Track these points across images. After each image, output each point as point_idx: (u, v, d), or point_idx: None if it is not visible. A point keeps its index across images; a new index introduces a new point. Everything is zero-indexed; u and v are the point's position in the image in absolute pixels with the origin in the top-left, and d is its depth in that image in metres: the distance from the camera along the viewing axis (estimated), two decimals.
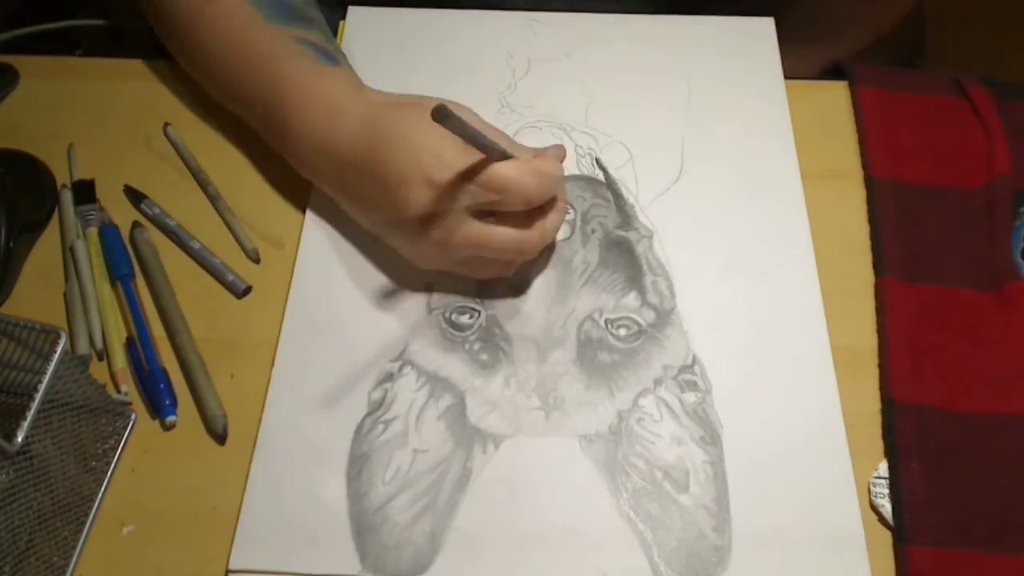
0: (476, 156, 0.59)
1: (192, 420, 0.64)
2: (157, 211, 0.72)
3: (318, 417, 0.63)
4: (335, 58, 0.70)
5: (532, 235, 0.63)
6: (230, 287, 0.69)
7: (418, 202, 0.60)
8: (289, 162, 0.70)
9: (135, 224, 0.72)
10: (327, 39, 0.72)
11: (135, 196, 0.73)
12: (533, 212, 0.63)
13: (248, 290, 0.69)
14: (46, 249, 0.71)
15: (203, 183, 0.73)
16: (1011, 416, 0.63)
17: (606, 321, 0.66)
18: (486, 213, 0.62)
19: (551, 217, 0.64)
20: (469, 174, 0.59)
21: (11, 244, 0.68)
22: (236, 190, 0.73)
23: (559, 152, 0.67)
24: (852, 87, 0.79)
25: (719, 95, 0.78)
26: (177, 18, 0.73)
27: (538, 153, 0.64)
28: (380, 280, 0.68)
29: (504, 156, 0.60)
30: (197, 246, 0.70)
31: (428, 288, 0.68)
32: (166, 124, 0.76)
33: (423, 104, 0.60)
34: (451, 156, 0.59)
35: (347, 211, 0.69)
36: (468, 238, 0.62)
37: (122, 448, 0.63)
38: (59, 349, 0.54)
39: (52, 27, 0.83)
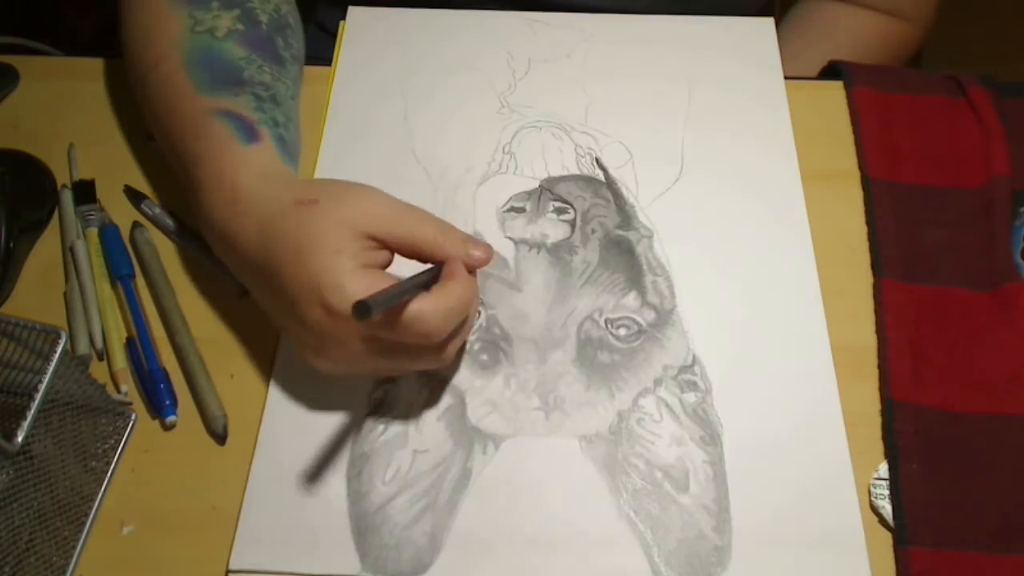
0: (377, 281, 0.56)
1: (192, 420, 0.64)
2: (157, 211, 0.72)
3: (318, 417, 0.63)
4: (255, 132, 0.65)
5: (434, 360, 0.60)
6: (230, 287, 0.69)
7: (315, 322, 0.57)
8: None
9: (135, 224, 0.72)
10: (256, 106, 0.67)
11: (135, 196, 0.73)
12: None
13: (248, 290, 0.68)
14: (46, 249, 0.71)
15: None
16: (1011, 416, 0.63)
17: (606, 321, 0.66)
18: None
19: (456, 339, 0.60)
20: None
21: (11, 244, 0.68)
22: None
23: (480, 259, 0.61)
24: (848, 87, 0.79)
25: (719, 95, 0.78)
26: (132, 77, 0.73)
27: (456, 252, 0.60)
28: None
29: (424, 288, 0.57)
30: (196, 246, 0.70)
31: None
32: (149, 136, 0.75)
33: (319, 201, 0.59)
34: (350, 286, 0.56)
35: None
36: (368, 360, 0.59)
37: (122, 448, 0.63)
38: (59, 349, 0.54)
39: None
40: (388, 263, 0.60)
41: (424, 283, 0.57)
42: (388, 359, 0.59)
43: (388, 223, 0.58)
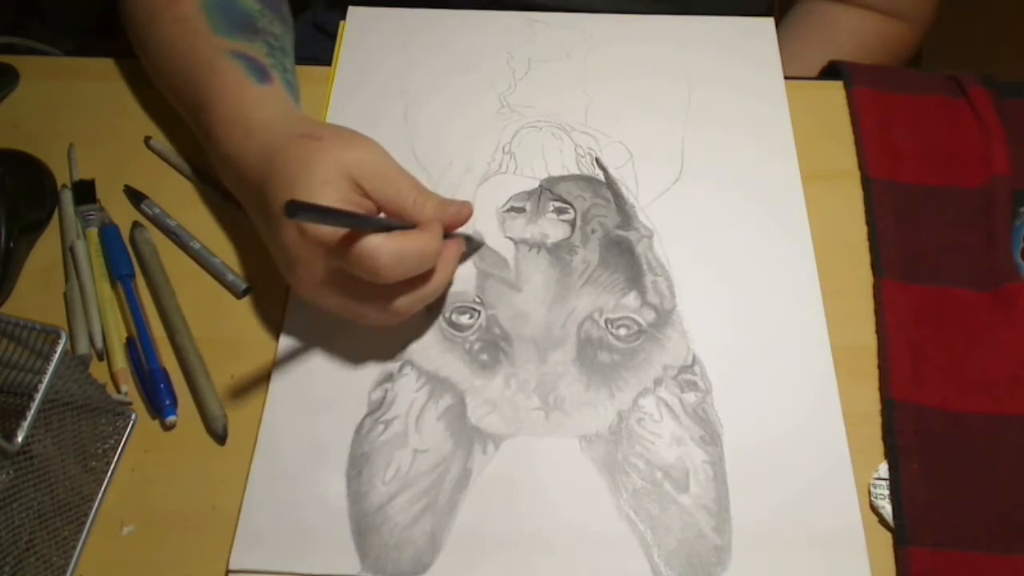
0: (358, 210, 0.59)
1: (192, 420, 0.64)
2: (157, 211, 0.72)
3: (318, 417, 0.63)
4: (267, 74, 0.70)
5: (382, 311, 0.62)
6: (230, 287, 0.69)
7: (289, 242, 0.60)
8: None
9: (135, 224, 0.72)
10: (268, 52, 0.72)
11: (135, 196, 0.73)
12: (401, 282, 0.61)
13: (248, 290, 0.69)
14: (46, 249, 0.71)
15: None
16: (1011, 416, 0.63)
17: (606, 321, 0.66)
18: None
19: (421, 290, 0.62)
20: (332, 236, 0.58)
21: (11, 244, 0.68)
22: None
23: (456, 215, 0.65)
24: (848, 87, 0.79)
25: (719, 95, 0.78)
26: (137, 17, 0.75)
27: (432, 214, 0.62)
28: None
29: (385, 228, 0.58)
30: (197, 246, 0.70)
31: None
32: (147, 138, 0.76)
33: (323, 139, 0.62)
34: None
35: None
36: (331, 292, 0.61)
37: (122, 448, 0.63)
38: (59, 349, 0.54)
39: None
40: (371, 212, 0.62)
41: (388, 228, 0.59)
42: (342, 295, 0.61)
43: (376, 177, 0.61)
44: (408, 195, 0.62)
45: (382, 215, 0.62)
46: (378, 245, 0.57)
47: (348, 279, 0.60)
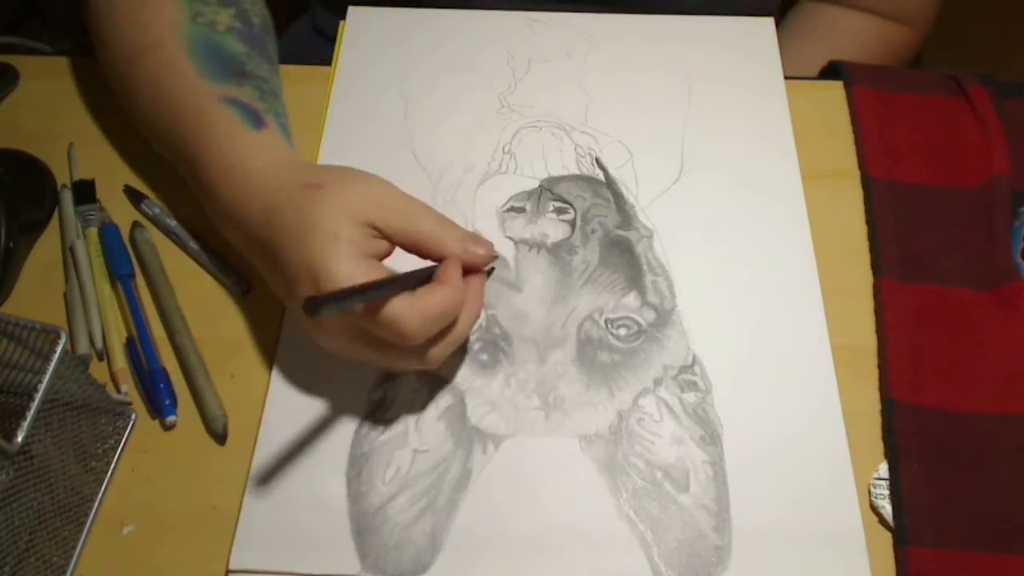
0: (370, 271, 0.56)
1: (192, 420, 0.64)
2: (157, 211, 0.72)
3: (318, 417, 0.63)
4: (261, 120, 0.67)
5: (416, 363, 0.59)
6: (230, 287, 0.69)
7: None
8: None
9: (135, 224, 0.72)
10: (259, 96, 0.68)
11: (135, 196, 0.73)
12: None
13: (249, 290, 0.69)
14: (46, 249, 0.71)
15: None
16: (1011, 416, 0.63)
17: (606, 321, 0.66)
18: None
19: (451, 336, 0.59)
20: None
21: (11, 244, 0.68)
22: None
23: (480, 258, 0.61)
24: (848, 87, 0.79)
25: (719, 95, 0.78)
26: (119, 60, 0.71)
27: (457, 246, 0.59)
28: None
29: (409, 286, 0.56)
30: (196, 247, 0.70)
31: None
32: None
33: (326, 187, 0.59)
34: (341, 272, 0.56)
35: None
36: (353, 349, 0.59)
37: (122, 448, 0.63)
38: (59, 349, 0.54)
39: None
40: (387, 253, 0.60)
41: (410, 284, 0.57)
42: (373, 352, 0.59)
43: (390, 213, 0.59)
44: (426, 227, 0.59)
45: (400, 272, 0.59)
46: (403, 312, 0.55)
47: (376, 338, 0.57)
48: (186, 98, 0.67)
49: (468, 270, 0.60)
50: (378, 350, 0.58)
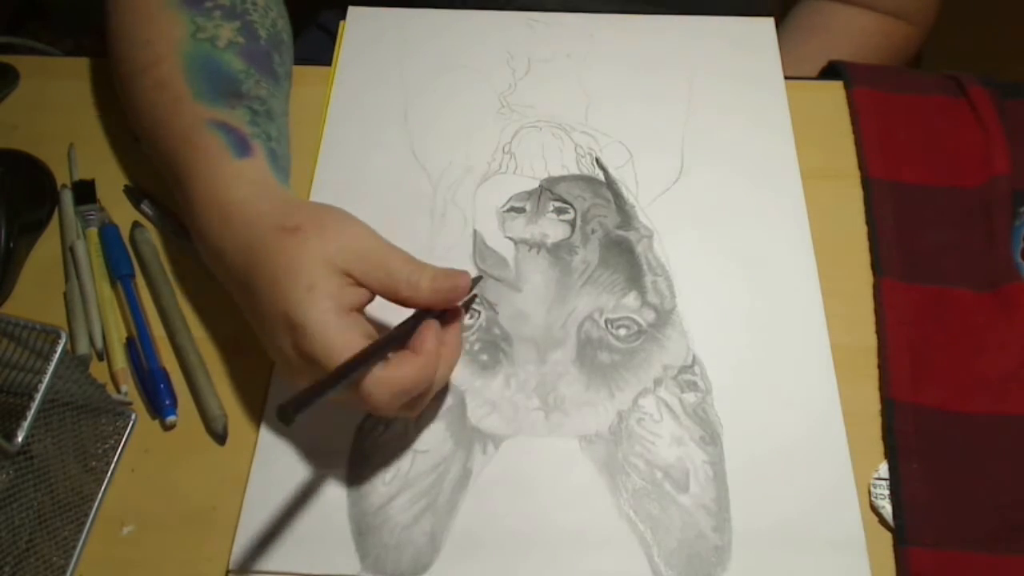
0: (342, 333, 0.55)
1: (192, 420, 0.64)
2: (156, 211, 0.72)
3: (318, 418, 0.62)
4: (248, 146, 0.65)
5: (404, 412, 0.58)
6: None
7: (283, 346, 0.57)
8: None
9: (135, 224, 0.72)
10: (251, 119, 0.67)
11: (135, 196, 0.73)
12: None
13: None
14: (46, 249, 0.71)
15: None
16: (1011, 416, 0.63)
17: (606, 321, 0.66)
18: None
19: (424, 398, 0.58)
20: (327, 362, 0.54)
21: (11, 244, 0.68)
22: None
23: (453, 289, 0.59)
24: (848, 87, 0.79)
25: (719, 95, 0.78)
26: (122, 76, 0.71)
27: (431, 288, 0.58)
28: None
29: (384, 351, 0.55)
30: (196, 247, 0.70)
31: None
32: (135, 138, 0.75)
33: (299, 232, 0.58)
34: (317, 328, 0.55)
35: None
36: (337, 402, 0.57)
37: (122, 448, 0.63)
38: (59, 349, 0.54)
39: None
40: (366, 301, 0.58)
41: (383, 353, 0.55)
42: (348, 405, 0.57)
43: (365, 263, 0.57)
44: (400, 275, 0.57)
45: (372, 337, 0.57)
46: (374, 389, 0.54)
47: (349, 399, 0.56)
48: (175, 120, 0.66)
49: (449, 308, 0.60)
50: (355, 405, 0.57)
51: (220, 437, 0.63)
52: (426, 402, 0.59)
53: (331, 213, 0.60)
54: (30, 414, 0.53)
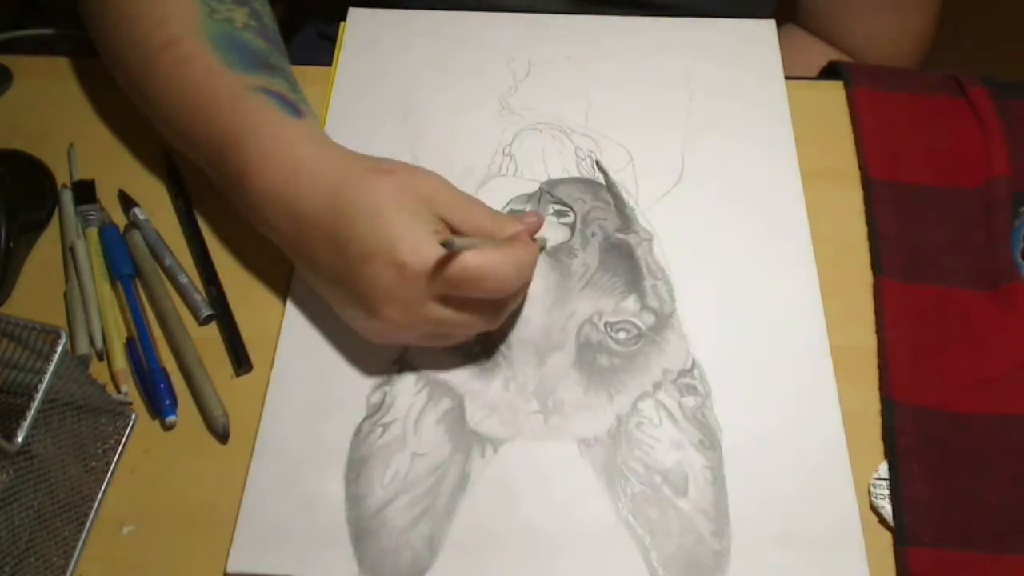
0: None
1: (192, 420, 0.64)
2: (144, 219, 0.71)
3: (317, 420, 0.63)
4: (299, 109, 0.66)
5: (494, 319, 0.62)
6: (193, 308, 0.68)
7: (381, 281, 0.58)
8: (244, 214, 0.67)
9: (127, 226, 0.71)
10: (291, 88, 0.68)
11: (127, 202, 0.72)
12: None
13: (211, 317, 0.68)
14: (46, 249, 0.71)
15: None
16: (1011, 416, 0.63)
17: (605, 324, 0.66)
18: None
19: (516, 298, 0.63)
20: (442, 263, 0.56)
21: (11, 244, 0.68)
22: None
23: (535, 223, 0.66)
24: (848, 87, 0.79)
25: (720, 97, 0.78)
26: (132, 61, 0.70)
27: (515, 230, 0.62)
28: None
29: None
30: (170, 262, 0.70)
31: None
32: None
33: (396, 173, 0.60)
34: (423, 241, 0.57)
35: (300, 271, 0.67)
36: (428, 322, 0.60)
37: (122, 448, 0.63)
38: (59, 349, 0.54)
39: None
40: None
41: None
42: (448, 319, 0.60)
43: (455, 205, 0.60)
44: (484, 219, 0.61)
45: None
46: (499, 262, 0.57)
47: (455, 303, 0.59)
48: (215, 89, 0.65)
49: None
50: (455, 312, 0.59)
51: (222, 437, 0.63)
52: (517, 302, 0.64)
53: (415, 166, 0.63)
54: (30, 414, 0.53)
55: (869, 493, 0.61)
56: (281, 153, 0.62)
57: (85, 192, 0.73)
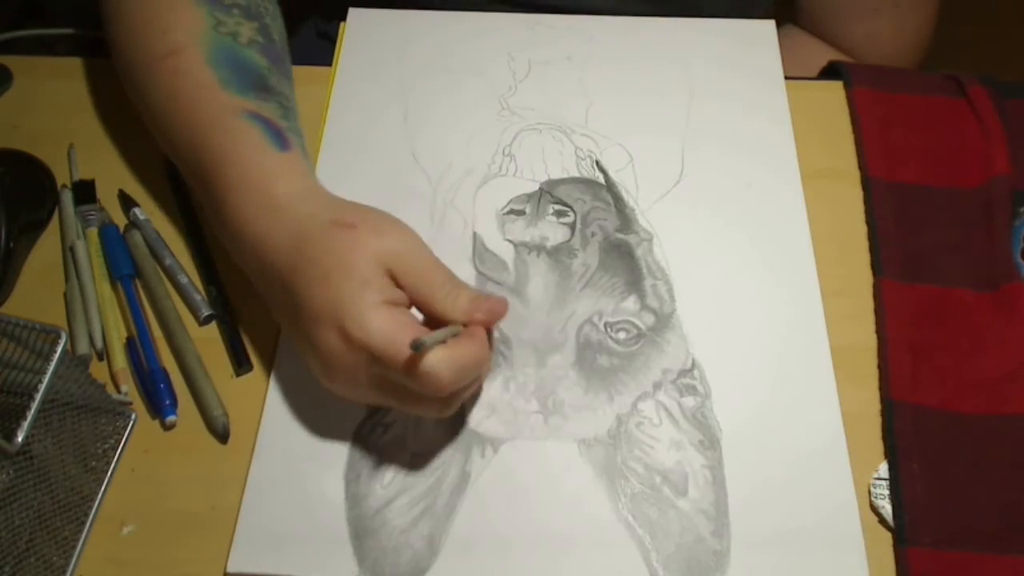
0: (399, 324, 0.55)
1: (192, 420, 0.64)
2: (144, 219, 0.71)
3: (317, 420, 0.63)
4: (286, 139, 0.64)
5: (443, 410, 0.59)
6: (193, 308, 0.68)
7: (329, 346, 0.57)
8: (220, 238, 0.66)
9: (127, 226, 0.72)
10: (283, 114, 0.66)
11: (126, 202, 0.72)
12: None
13: (211, 317, 0.68)
14: (46, 249, 0.71)
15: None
16: (1011, 416, 0.63)
17: (605, 325, 0.66)
18: None
19: (463, 394, 0.60)
20: (381, 345, 0.55)
21: (11, 244, 0.68)
22: None
23: (497, 312, 0.59)
24: (848, 87, 0.79)
25: (720, 98, 0.78)
26: (136, 66, 0.69)
27: (467, 310, 0.58)
28: None
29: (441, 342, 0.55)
30: (170, 262, 0.70)
31: None
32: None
33: (357, 227, 0.58)
34: (365, 314, 0.55)
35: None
36: (375, 394, 0.58)
37: (122, 448, 0.63)
38: (59, 349, 0.54)
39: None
40: (407, 305, 0.59)
41: (442, 336, 0.56)
42: (391, 398, 0.58)
43: (412, 270, 0.58)
44: (440, 289, 0.58)
45: (413, 310, 0.59)
46: (440, 363, 0.54)
47: (395, 385, 0.57)
48: (205, 109, 0.64)
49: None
50: (395, 396, 0.58)
51: (222, 436, 0.63)
52: (470, 390, 0.61)
53: (384, 216, 0.60)
54: (30, 414, 0.53)
55: (869, 493, 0.61)
56: (259, 188, 0.61)
57: (85, 192, 0.73)
